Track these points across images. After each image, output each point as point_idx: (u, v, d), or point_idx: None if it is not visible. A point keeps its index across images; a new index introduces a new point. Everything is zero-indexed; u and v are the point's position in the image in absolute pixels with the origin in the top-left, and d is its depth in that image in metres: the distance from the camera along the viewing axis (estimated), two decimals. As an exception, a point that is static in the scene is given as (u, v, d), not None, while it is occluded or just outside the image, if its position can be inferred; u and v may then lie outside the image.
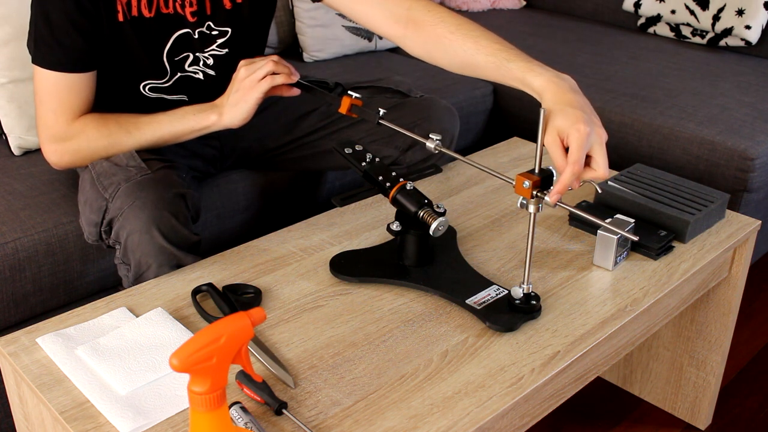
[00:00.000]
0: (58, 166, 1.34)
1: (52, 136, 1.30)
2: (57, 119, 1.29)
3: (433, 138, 1.16)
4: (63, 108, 1.28)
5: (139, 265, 1.22)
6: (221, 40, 1.39)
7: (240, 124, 1.30)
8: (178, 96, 1.41)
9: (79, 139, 1.30)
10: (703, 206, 1.34)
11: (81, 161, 1.33)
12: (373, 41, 2.35)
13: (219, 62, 1.41)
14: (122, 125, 1.30)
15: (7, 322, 1.40)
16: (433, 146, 1.16)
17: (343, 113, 1.28)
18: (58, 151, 1.31)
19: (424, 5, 1.22)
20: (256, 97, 1.27)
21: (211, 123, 1.30)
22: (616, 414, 1.63)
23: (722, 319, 1.46)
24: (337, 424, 0.93)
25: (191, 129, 1.31)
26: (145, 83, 1.37)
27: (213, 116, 1.29)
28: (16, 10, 1.58)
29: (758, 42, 2.36)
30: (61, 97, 1.28)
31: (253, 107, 1.28)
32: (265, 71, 1.27)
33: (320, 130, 1.57)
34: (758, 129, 1.85)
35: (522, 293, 1.10)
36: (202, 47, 1.38)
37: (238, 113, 1.28)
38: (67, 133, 1.30)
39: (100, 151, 1.30)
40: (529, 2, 2.97)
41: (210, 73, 1.41)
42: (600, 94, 2.05)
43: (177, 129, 1.31)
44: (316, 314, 1.12)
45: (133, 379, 0.98)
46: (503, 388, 0.99)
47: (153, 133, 1.30)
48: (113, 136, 1.29)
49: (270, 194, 1.66)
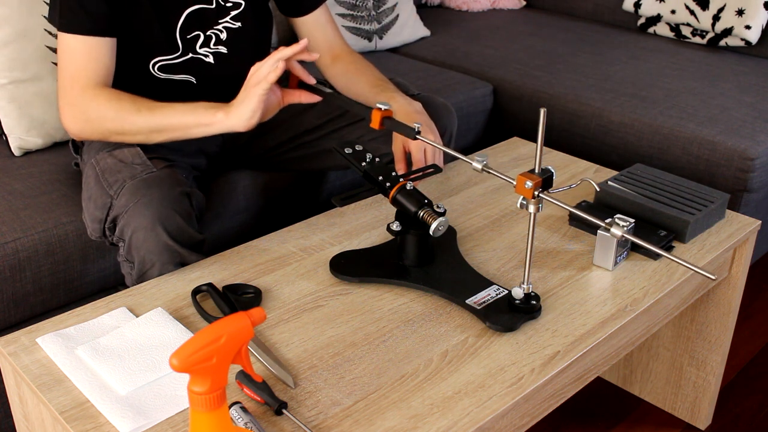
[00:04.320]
0: (71, 132, 1.34)
1: (68, 101, 1.32)
2: (73, 84, 1.30)
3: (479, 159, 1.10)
4: (81, 74, 1.30)
5: (143, 262, 1.22)
6: (235, 12, 1.43)
7: (246, 125, 1.25)
8: (186, 76, 1.42)
9: (90, 106, 1.30)
10: (703, 206, 1.34)
11: (92, 131, 1.32)
12: (373, 41, 2.36)
13: (231, 37, 1.43)
14: (135, 103, 1.30)
15: (7, 322, 1.40)
16: (480, 167, 1.09)
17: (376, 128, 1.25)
18: (70, 116, 1.32)
19: (350, 51, 1.58)
20: (260, 93, 1.23)
21: (217, 120, 1.27)
22: (616, 414, 1.63)
23: (722, 319, 1.46)
24: (337, 424, 0.93)
25: (198, 122, 1.28)
26: (156, 60, 1.39)
27: (220, 114, 1.26)
28: (17, 11, 1.58)
29: (758, 42, 2.36)
30: (80, 63, 1.30)
31: (257, 104, 1.23)
32: (270, 65, 1.24)
33: (319, 128, 1.57)
34: (758, 129, 1.85)
35: (522, 293, 1.10)
36: (217, 18, 1.41)
37: (243, 111, 1.24)
38: (81, 99, 1.30)
39: (107, 122, 1.29)
40: (529, 2, 2.97)
41: (222, 52, 1.43)
42: (600, 94, 2.05)
43: (186, 120, 1.28)
44: (316, 314, 1.12)
45: (133, 379, 0.98)
46: (503, 388, 0.99)
47: (163, 117, 1.28)
48: (123, 111, 1.29)
49: (270, 194, 1.66)
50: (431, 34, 2.54)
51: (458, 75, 2.20)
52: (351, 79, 1.53)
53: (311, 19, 1.56)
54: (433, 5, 2.89)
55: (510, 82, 2.17)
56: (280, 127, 1.58)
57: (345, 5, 2.29)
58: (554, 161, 1.61)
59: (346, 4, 2.29)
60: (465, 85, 2.13)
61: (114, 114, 1.29)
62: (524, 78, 2.17)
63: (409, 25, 2.45)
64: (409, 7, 2.46)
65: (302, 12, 1.55)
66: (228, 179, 1.60)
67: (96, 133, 1.32)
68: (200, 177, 1.53)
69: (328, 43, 1.58)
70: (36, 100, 1.62)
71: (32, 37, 1.61)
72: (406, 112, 1.40)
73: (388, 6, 2.37)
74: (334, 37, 1.59)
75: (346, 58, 1.57)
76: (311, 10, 1.55)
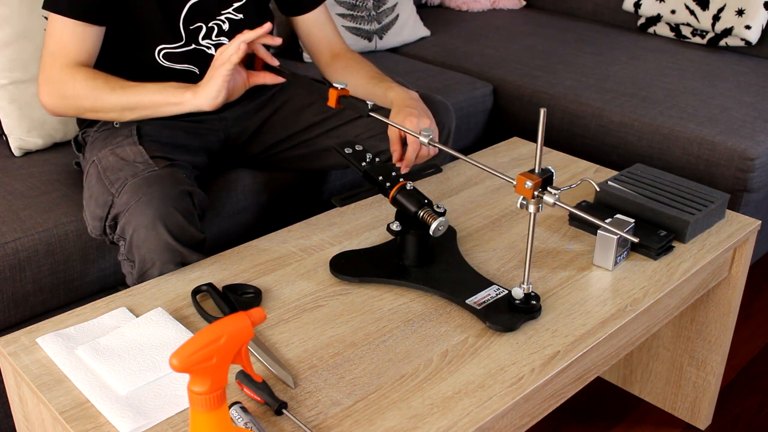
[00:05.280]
0: (47, 107, 1.37)
1: (46, 77, 1.34)
2: (53, 62, 1.33)
3: (425, 133, 1.19)
4: (61, 53, 1.33)
5: (143, 261, 1.22)
6: (237, 3, 1.45)
7: (211, 104, 1.30)
8: (189, 66, 1.45)
9: (66, 84, 1.33)
10: (703, 206, 1.34)
11: (67, 108, 1.36)
12: (373, 41, 2.36)
13: (234, 28, 1.45)
14: (109, 82, 1.33)
15: (7, 322, 1.40)
16: (426, 140, 1.18)
17: (332, 106, 1.31)
18: (47, 92, 1.35)
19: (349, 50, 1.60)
20: (224, 73, 1.28)
21: (185, 99, 1.31)
22: (616, 414, 1.63)
23: (722, 319, 1.46)
24: (337, 424, 0.93)
25: (168, 101, 1.32)
26: (160, 48, 1.41)
27: (188, 93, 1.31)
28: (17, 12, 1.58)
29: (758, 42, 2.36)
30: (62, 43, 1.33)
31: (222, 84, 1.28)
32: (234, 47, 1.28)
33: (318, 126, 1.57)
34: (758, 129, 1.85)
35: (522, 293, 1.10)
36: (219, 9, 1.43)
37: (209, 91, 1.29)
38: (59, 76, 1.33)
39: (82, 99, 1.33)
40: (529, 2, 2.97)
41: (224, 43, 1.45)
42: (600, 94, 2.05)
43: (156, 98, 1.32)
44: (316, 314, 1.12)
45: (133, 379, 0.98)
46: (503, 388, 0.99)
47: (134, 96, 1.32)
48: (98, 90, 1.32)
49: (270, 194, 1.66)
50: (431, 34, 2.55)
51: (458, 75, 2.20)
52: (349, 74, 1.55)
53: (310, 18, 1.57)
54: (433, 5, 2.89)
55: (510, 82, 2.18)
56: (279, 125, 1.59)
57: (345, 5, 2.29)
58: (554, 161, 1.61)
59: (346, 4, 2.29)
60: (465, 85, 2.13)
61: (88, 92, 1.32)
62: (524, 78, 2.18)
63: (409, 25, 2.45)
64: (409, 7, 2.46)
65: (302, 11, 1.57)
66: (228, 179, 1.60)
67: (71, 109, 1.36)
68: (201, 176, 1.53)
69: (327, 41, 1.59)
70: (36, 100, 1.62)
71: (32, 38, 1.61)
72: (402, 100, 1.41)
73: (388, 6, 2.37)
74: (334, 36, 1.60)
75: (344, 56, 1.58)
76: (310, 9, 1.57)
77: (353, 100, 1.29)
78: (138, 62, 1.43)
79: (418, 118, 1.35)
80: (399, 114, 1.37)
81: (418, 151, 1.38)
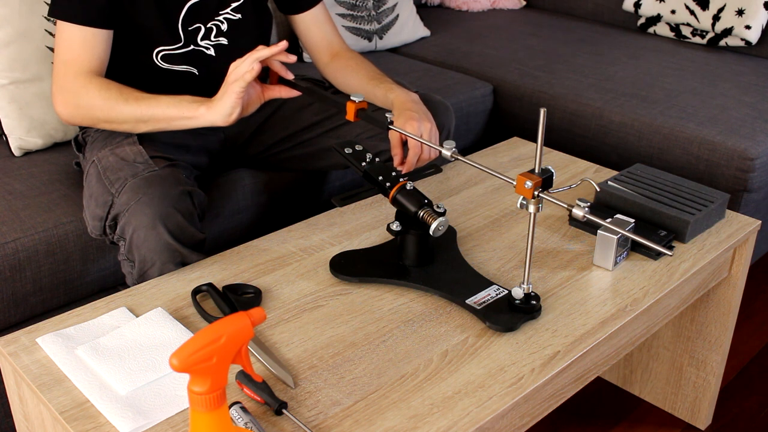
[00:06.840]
0: (62, 116, 1.37)
1: (59, 86, 1.34)
2: (66, 71, 1.33)
3: (447, 146, 1.15)
4: (74, 61, 1.33)
5: (143, 261, 1.22)
6: (235, 3, 1.45)
7: (225, 120, 1.28)
8: (188, 67, 1.44)
9: (79, 94, 1.32)
10: (703, 206, 1.34)
11: (81, 118, 1.35)
12: (373, 41, 2.36)
13: (232, 28, 1.45)
14: (123, 93, 1.32)
15: (7, 322, 1.40)
16: (449, 154, 1.15)
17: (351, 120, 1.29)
18: (61, 101, 1.35)
19: (348, 49, 1.60)
20: (238, 90, 1.26)
21: (199, 114, 1.29)
22: (616, 414, 1.63)
23: (722, 319, 1.46)
24: (337, 424, 0.93)
25: (182, 115, 1.31)
26: (159, 50, 1.41)
27: (202, 108, 1.30)
28: (17, 11, 1.58)
29: (758, 42, 2.36)
30: (74, 50, 1.32)
31: (235, 101, 1.26)
32: (249, 64, 1.26)
33: (317, 126, 1.57)
34: (758, 129, 1.85)
35: (522, 293, 1.10)
36: (218, 9, 1.43)
37: (222, 107, 1.27)
38: (72, 86, 1.33)
39: (96, 110, 1.32)
40: (529, 2, 2.97)
41: (222, 43, 1.45)
42: (600, 94, 2.05)
43: (170, 112, 1.31)
44: (316, 314, 1.12)
45: (133, 379, 0.98)
46: (503, 388, 0.99)
47: (148, 108, 1.31)
48: (111, 101, 1.31)
49: (270, 194, 1.66)
50: (431, 34, 2.54)
51: (458, 75, 2.20)
52: (349, 74, 1.55)
53: (309, 17, 1.57)
54: (433, 5, 2.89)
55: (510, 82, 2.17)
56: (278, 125, 1.59)
57: (345, 5, 2.29)
58: (554, 161, 1.61)
59: (346, 4, 2.29)
60: (465, 85, 2.13)
61: (102, 103, 1.31)
62: (524, 78, 2.17)
63: (409, 25, 2.45)
64: (409, 7, 2.46)
65: (300, 9, 1.57)
66: (228, 179, 1.60)
67: (85, 119, 1.35)
68: (201, 176, 1.53)
69: (326, 40, 1.59)
70: (36, 100, 1.62)
71: (32, 38, 1.61)
72: (402, 102, 1.41)
73: (388, 6, 2.37)
74: (332, 35, 1.60)
75: (344, 56, 1.58)
76: (309, 7, 1.57)
77: (372, 115, 1.26)
78: (136, 65, 1.42)
79: (419, 121, 1.35)
80: (400, 117, 1.36)
81: (420, 155, 1.38)
